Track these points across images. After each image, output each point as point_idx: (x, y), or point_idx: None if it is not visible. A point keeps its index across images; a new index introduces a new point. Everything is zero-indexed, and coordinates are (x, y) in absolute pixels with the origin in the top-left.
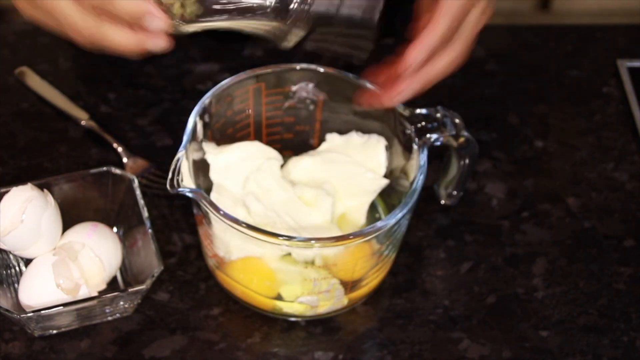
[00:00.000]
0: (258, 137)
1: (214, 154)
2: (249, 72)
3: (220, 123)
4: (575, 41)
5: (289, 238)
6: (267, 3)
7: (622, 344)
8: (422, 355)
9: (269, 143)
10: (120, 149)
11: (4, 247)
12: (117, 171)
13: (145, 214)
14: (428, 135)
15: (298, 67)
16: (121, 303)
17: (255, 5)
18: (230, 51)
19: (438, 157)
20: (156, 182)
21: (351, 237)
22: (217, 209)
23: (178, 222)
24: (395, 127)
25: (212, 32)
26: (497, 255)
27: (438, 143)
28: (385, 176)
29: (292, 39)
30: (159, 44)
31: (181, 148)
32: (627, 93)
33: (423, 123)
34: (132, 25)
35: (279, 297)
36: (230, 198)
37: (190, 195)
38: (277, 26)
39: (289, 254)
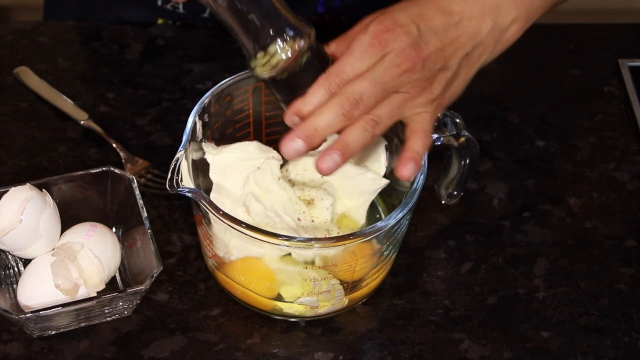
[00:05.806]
0: (258, 137)
1: (213, 153)
2: (249, 71)
3: (219, 123)
4: (577, 40)
5: (289, 238)
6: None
7: (623, 344)
8: (423, 356)
9: (269, 143)
10: (119, 149)
11: (2, 247)
12: (116, 171)
13: (145, 214)
14: None
15: None
16: (120, 303)
17: None
18: (230, 51)
19: (438, 157)
20: (155, 182)
21: (351, 237)
22: (216, 209)
23: (177, 223)
24: (395, 127)
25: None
26: (498, 255)
27: (438, 143)
28: (385, 176)
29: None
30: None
31: (181, 148)
32: (628, 92)
33: None
34: None
35: (278, 298)
36: (230, 198)
37: (189, 195)
38: None
39: (289, 255)
